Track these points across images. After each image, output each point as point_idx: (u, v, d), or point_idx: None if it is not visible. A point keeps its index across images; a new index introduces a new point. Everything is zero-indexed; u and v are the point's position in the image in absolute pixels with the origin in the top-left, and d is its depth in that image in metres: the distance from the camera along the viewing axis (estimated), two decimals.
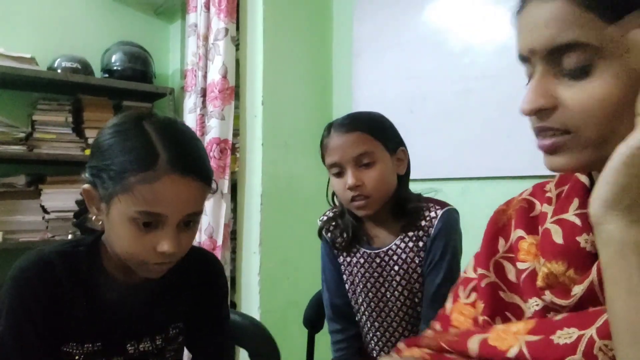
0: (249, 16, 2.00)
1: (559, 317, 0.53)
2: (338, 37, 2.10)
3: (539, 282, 0.60)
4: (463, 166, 1.60)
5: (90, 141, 2.16)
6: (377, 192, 1.08)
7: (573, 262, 0.58)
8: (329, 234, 1.21)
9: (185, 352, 0.95)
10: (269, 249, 1.92)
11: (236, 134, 2.05)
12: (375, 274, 1.14)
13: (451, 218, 1.09)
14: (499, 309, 0.65)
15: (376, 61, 1.91)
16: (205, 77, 2.03)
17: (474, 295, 0.70)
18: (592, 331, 0.49)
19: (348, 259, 1.19)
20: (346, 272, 1.20)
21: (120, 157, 0.74)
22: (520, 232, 0.67)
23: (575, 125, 0.51)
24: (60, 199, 2.10)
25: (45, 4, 2.31)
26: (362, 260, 1.16)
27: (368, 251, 1.15)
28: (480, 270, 0.70)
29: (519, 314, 0.64)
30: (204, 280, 0.93)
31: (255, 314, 1.87)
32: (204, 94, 2.03)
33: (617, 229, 0.45)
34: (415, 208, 1.11)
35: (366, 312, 1.17)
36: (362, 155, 1.07)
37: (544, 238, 0.63)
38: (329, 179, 1.21)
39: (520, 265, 0.65)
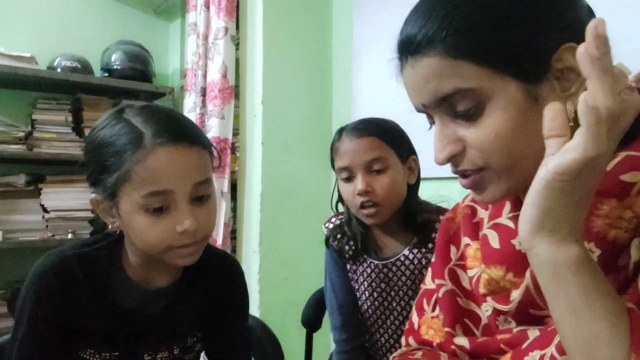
0: (249, 15, 2.00)
1: (526, 343, 0.54)
2: (338, 37, 2.10)
3: (481, 289, 0.62)
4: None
5: None
6: (387, 200, 1.05)
7: (511, 266, 0.59)
8: (336, 242, 1.18)
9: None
10: (269, 248, 1.92)
11: (236, 133, 2.05)
12: (382, 284, 1.12)
13: None
14: (458, 317, 0.67)
15: (376, 60, 1.91)
16: (205, 76, 2.03)
17: (438, 308, 0.71)
18: (551, 349, 0.50)
19: (354, 267, 1.16)
20: (352, 279, 1.18)
21: (110, 149, 0.73)
22: (466, 240, 0.69)
23: (484, 161, 0.54)
24: (60, 198, 2.09)
25: (45, 4, 2.30)
26: (368, 270, 1.13)
27: (375, 262, 1.13)
28: (437, 281, 0.71)
29: (476, 320, 0.65)
30: (226, 287, 0.90)
31: (255, 313, 1.87)
32: (203, 93, 2.03)
33: (546, 251, 0.46)
34: (427, 221, 1.09)
35: (371, 319, 1.16)
36: (373, 161, 1.05)
37: (482, 243, 0.64)
38: (334, 185, 1.18)
39: (470, 272, 0.66)
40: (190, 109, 2.06)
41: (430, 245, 1.09)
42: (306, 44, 2.05)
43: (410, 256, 1.10)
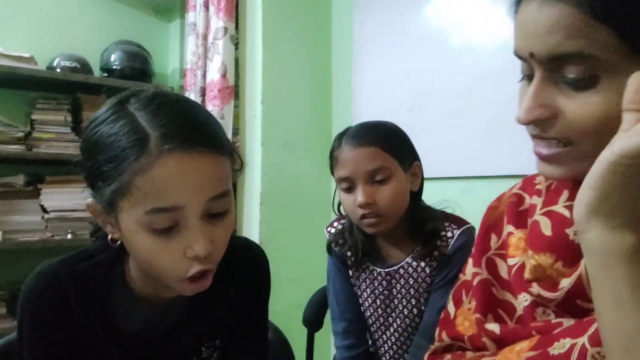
0: (248, 15, 1.99)
1: (557, 330, 0.52)
2: (338, 36, 2.10)
3: (527, 274, 0.59)
4: (464, 165, 1.60)
5: None
6: (389, 211, 1.01)
7: (561, 255, 0.56)
8: (338, 248, 1.14)
9: None
10: (269, 248, 1.88)
11: (236, 133, 2.05)
12: (386, 292, 1.09)
13: (469, 238, 1.02)
14: (491, 306, 0.64)
15: (376, 60, 1.91)
16: (204, 76, 2.03)
17: (474, 300, 0.69)
18: (584, 339, 0.48)
19: (357, 274, 1.14)
20: (355, 286, 1.15)
21: (107, 153, 0.60)
22: (510, 228, 0.66)
23: (576, 137, 0.50)
24: (60, 198, 2.09)
25: (44, 3, 2.30)
26: (371, 277, 1.11)
27: (379, 269, 1.10)
28: (473, 269, 0.69)
29: (510, 311, 0.63)
30: (249, 283, 0.79)
31: None
32: (203, 93, 2.03)
33: (598, 237, 0.44)
34: (434, 230, 1.05)
35: (374, 326, 1.14)
36: (375, 171, 1.00)
37: (532, 230, 0.61)
38: (336, 188, 1.14)
39: (510, 261, 0.64)
40: None
41: (436, 253, 1.05)
42: (306, 43, 2.05)
43: (414, 264, 1.07)
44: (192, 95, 2.07)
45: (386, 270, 1.09)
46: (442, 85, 1.66)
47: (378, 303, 1.11)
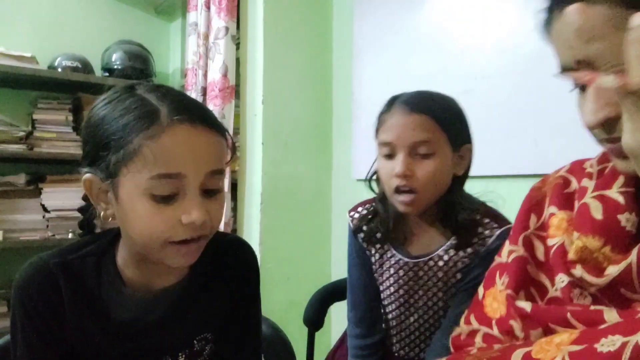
0: (250, 15, 2.00)
1: (603, 326, 0.50)
2: (338, 37, 2.10)
3: (571, 255, 0.57)
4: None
5: None
6: (426, 189, 0.93)
7: (611, 240, 0.55)
8: (365, 228, 1.06)
9: None
10: (269, 247, 1.92)
11: (236, 132, 2.05)
12: (411, 282, 1.02)
13: None
14: (525, 283, 0.62)
15: (377, 60, 1.91)
16: (205, 75, 2.03)
17: (507, 277, 0.66)
18: (637, 337, 0.45)
19: (381, 260, 1.06)
20: (377, 273, 1.08)
21: (118, 122, 0.64)
22: (552, 209, 0.64)
23: None
24: (61, 197, 2.09)
25: (46, 3, 2.31)
26: (396, 267, 1.04)
27: (405, 259, 1.03)
28: (510, 247, 0.67)
29: (543, 292, 0.61)
30: (239, 278, 0.80)
31: None
32: (204, 92, 2.03)
33: None
34: (469, 222, 0.97)
35: (393, 313, 1.08)
36: (421, 143, 0.92)
37: (581, 212, 0.59)
38: (374, 161, 1.04)
39: (549, 241, 0.62)
40: None
41: (469, 250, 0.97)
42: (307, 43, 2.05)
43: (445, 257, 0.99)
44: (194, 94, 2.07)
45: (413, 260, 1.02)
46: (442, 85, 1.65)
47: (401, 293, 1.04)
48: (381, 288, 1.09)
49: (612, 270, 0.52)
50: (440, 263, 1.00)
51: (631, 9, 0.43)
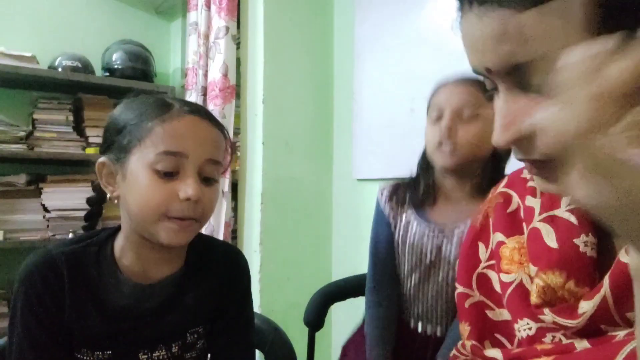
0: (250, 14, 2.00)
1: (578, 349, 0.45)
2: (339, 37, 2.10)
3: (534, 299, 0.50)
4: None
5: (91, 140, 2.15)
6: (466, 147, 1.02)
7: (573, 272, 0.48)
8: (394, 197, 1.15)
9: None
10: (270, 248, 1.92)
11: (237, 132, 2.05)
12: (432, 252, 1.07)
13: None
14: (488, 332, 0.56)
15: (377, 61, 1.91)
16: (206, 75, 2.03)
17: (468, 325, 0.61)
18: None
19: (405, 228, 1.11)
20: (400, 241, 1.13)
21: (136, 111, 0.76)
22: (499, 236, 0.57)
23: (560, 152, 0.36)
24: (61, 197, 2.09)
25: (46, 3, 2.30)
26: (420, 233, 1.09)
27: (430, 226, 1.08)
28: (460, 289, 0.60)
29: (510, 334, 0.55)
30: (231, 279, 0.87)
31: None
32: (204, 92, 2.03)
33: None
34: None
35: (412, 284, 1.11)
36: (465, 107, 1.03)
37: (533, 241, 0.52)
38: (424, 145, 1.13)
39: (503, 277, 0.55)
40: None
41: None
42: (307, 43, 2.05)
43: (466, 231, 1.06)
44: (194, 94, 2.07)
45: (439, 228, 1.07)
46: None
47: (422, 263, 1.08)
48: (403, 259, 1.12)
49: (587, 308, 0.46)
50: (463, 238, 1.01)
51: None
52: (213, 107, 1.96)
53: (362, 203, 1.96)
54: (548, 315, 0.49)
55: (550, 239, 0.50)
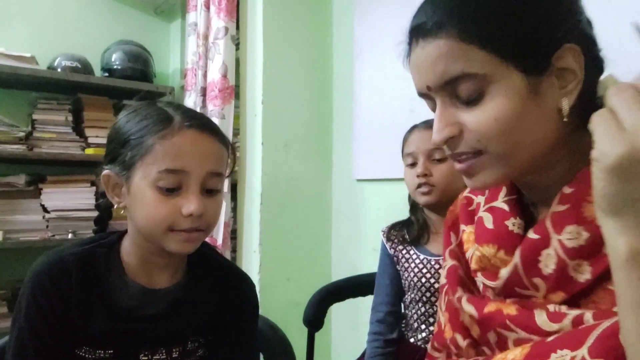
0: (249, 15, 2.00)
1: (551, 338, 0.53)
2: (338, 37, 2.10)
3: (473, 265, 0.66)
4: None
5: (90, 140, 2.16)
6: (441, 184, 1.15)
7: (502, 245, 0.62)
8: (394, 234, 1.28)
9: None
10: (269, 248, 1.92)
11: (236, 133, 2.05)
12: (429, 275, 1.19)
13: None
14: (462, 284, 0.69)
15: (377, 61, 1.91)
16: (205, 76, 2.03)
17: (448, 284, 0.74)
18: (583, 351, 0.49)
19: (406, 259, 1.23)
20: (402, 269, 1.25)
21: (138, 125, 0.77)
22: (462, 226, 0.73)
23: (483, 145, 0.56)
24: (61, 198, 2.09)
25: (45, 4, 2.31)
26: (419, 264, 1.21)
27: (427, 257, 1.21)
28: (443, 264, 0.76)
29: (478, 291, 0.68)
30: (236, 300, 0.89)
31: None
32: (204, 93, 2.03)
33: (609, 234, 0.44)
34: None
35: (413, 297, 1.22)
36: (435, 150, 1.16)
37: (477, 225, 0.68)
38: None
39: (467, 255, 0.70)
40: None
41: None
42: (307, 43, 2.05)
43: None
44: (193, 95, 2.07)
45: (435, 258, 1.20)
46: None
47: (422, 282, 1.19)
48: (407, 290, 1.25)
49: (504, 272, 0.60)
50: None
51: (466, 44, 0.54)
52: (212, 107, 1.97)
53: (361, 203, 1.96)
54: (480, 278, 0.64)
55: (489, 222, 0.66)
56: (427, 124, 1.20)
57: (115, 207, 0.81)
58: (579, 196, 0.55)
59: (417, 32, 0.59)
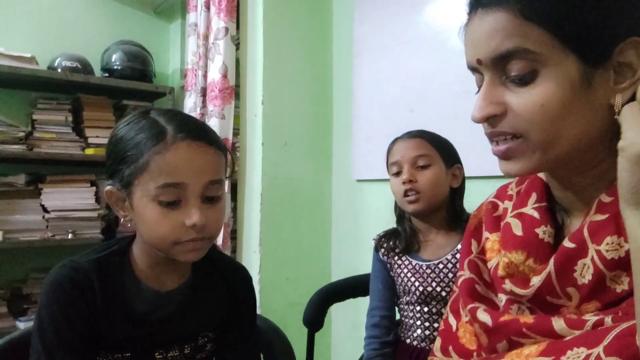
0: (249, 15, 2.00)
1: (569, 337, 0.53)
2: (338, 37, 2.10)
3: (500, 271, 0.63)
4: (464, 165, 1.60)
5: (90, 140, 2.16)
6: (427, 190, 1.16)
7: (532, 252, 0.60)
8: (385, 245, 1.27)
9: None
10: (269, 248, 1.92)
11: (236, 133, 2.05)
12: (425, 284, 1.19)
13: None
14: (476, 301, 0.67)
15: (376, 61, 1.91)
16: (205, 76, 2.03)
17: (462, 298, 0.71)
18: (599, 349, 0.49)
19: (399, 267, 1.24)
20: (395, 275, 1.25)
21: (132, 141, 0.77)
22: (486, 234, 0.71)
23: (524, 129, 0.54)
24: (60, 198, 2.09)
25: (45, 4, 2.31)
26: (412, 270, 1.21)
27: (420, 263, 1.21)
28: (459, 273, 0.72)
29: (495, 306, 0.66)
30: (236, 291, 0.93)
31: None
32: (204, 93, 2.03)
33: (632, 225, 0.45)
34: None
35: (409, 300, 1.22)
36: (419, 157, 1.18)
37: (504, 231, 0.66)
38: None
39: (489, 264, 0.68)
40: (190, 109, 2.07)
41: None
42: (307, 44, 2.05)
43: (453, 261, 1.17)
44: (193, 95, 2.07)
45: (427, 263, 1.20)
46: (442, 85, 1.67)
47: (416, 285, 1.20)
48: (399, 287, 1.25)
49: (536, 280, 0.58)
50: (449, 265, 1.17)
51: (525, 20, 0.52)
52: (212, 107, 1.97)
53: (361, 203, 1.96)
54: (508, 285, 0.62)
55: (517, 229, 0.64)
56: (410, 135, 1.22)
57: (122, 221, 0.83)
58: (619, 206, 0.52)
59: (479, 1, 0.56)
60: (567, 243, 0.56)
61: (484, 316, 0.63)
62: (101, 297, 0.79)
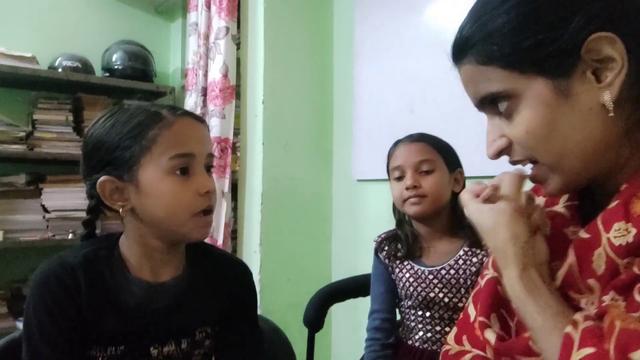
0: (250, 15, 2.00)
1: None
2: (339, 37, 2.10)
3: None
4: (465, 165, 1.60)
5: None
6: (430, 193, 1.15)
7: (555, 251, 0.60)
8: (386, 248, 1.25)
9: None
10: (269, 248, 1.92)
11: (237, 133, 2.05)
12: (427, 289, 1.18)
13: None
14: (496, 305, 0.66)
15: (377, 61, 1.91)
16: (206, 76, 2.03)
17: (480, 301, 0.70)
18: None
19: (401, 272, 1.22)
20: (397, 279, 1.23)
21: (128, 125, 0.78)
22: None
23: (531, 155, 0.57)
24: (61, 198, 2.09)
25: (46, 3, 2.30)
26: (415, 275, 1.19)
27: (422, 268, 1.19)
28: (485, 271, 0.71)
29: (512, 313, 0.65)
30: (235, 287, 0.92)
31: None
32: (204, 92, 2.03)
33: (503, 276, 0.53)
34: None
35: (410, 305, 1.21)
36: (422, 162, 1.16)
37: None
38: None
39: None
40: (191, 109, 2.06)
41: (479, 256, 1.15)
42: (307, 43, 2.05)
43: (456, 266, 1.16)
44: (194, 94, 2.07)
45: (429, 269, 1.18)
46: (443, 86, 1.66)
47: (419, 291, 1.18)
48: (401, 291, 1.22)
49: (560, 273, 0.58)
50: (452, 272, 1.16)
51: (484, 66, 0.56)
52: (213, 107, 1.97)
53: (362, 204, 1.96)
54: None
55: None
56: (412, 139, 1.20)
57: (121, 211, 0.81)
58: (631, 191, 0.52)
59: (453, 58, 0.62)
60: (583, 234, 0.56)
61: (489, 335, 0.63)
62: (87, 292, 0.78)
